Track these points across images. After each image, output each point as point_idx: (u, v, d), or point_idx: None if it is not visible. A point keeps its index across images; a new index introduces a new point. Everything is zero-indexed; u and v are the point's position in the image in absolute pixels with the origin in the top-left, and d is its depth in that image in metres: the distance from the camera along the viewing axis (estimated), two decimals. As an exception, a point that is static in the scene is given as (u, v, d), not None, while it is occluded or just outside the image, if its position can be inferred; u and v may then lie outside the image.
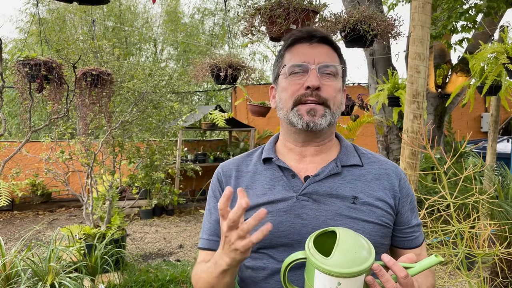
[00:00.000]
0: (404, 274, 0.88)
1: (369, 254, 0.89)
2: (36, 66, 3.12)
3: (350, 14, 2.58)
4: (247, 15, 2.36)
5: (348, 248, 0.88)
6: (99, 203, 4.75)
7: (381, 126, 5.91)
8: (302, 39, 1.13)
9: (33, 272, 3.22)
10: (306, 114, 1.08)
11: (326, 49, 1.13)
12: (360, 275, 0.86)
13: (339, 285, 0.87)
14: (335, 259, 0.87)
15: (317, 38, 1.12)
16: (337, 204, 1.09)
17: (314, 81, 1.07)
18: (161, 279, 4.04)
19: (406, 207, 1.16)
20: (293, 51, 1.14)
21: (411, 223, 1.17)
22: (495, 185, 4.06)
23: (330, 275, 0.86)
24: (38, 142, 7.84)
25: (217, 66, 3.37)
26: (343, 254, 0.88)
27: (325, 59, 1.11)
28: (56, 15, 11.62)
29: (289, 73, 1.11)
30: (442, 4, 4.60)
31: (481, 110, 10.12)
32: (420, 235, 1.19)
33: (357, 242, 0.90)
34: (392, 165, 1.19)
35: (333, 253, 0.88)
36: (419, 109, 2.41)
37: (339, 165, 1.14)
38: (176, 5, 13.86)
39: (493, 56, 3.26)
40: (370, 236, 1.07)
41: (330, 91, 1.10)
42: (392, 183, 1.14)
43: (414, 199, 1.20)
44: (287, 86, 1.11)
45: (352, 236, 0.92)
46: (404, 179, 1.17)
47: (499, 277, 3.62)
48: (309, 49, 1.12)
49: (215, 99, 13.79)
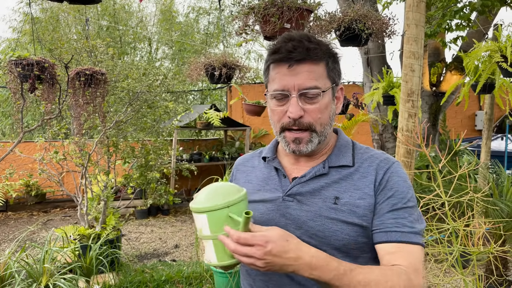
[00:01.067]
0: (236, 237, 0.92)
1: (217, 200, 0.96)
2: (28, 66, 3.09)
3: (344, 13, 2.58)
4: (241, 14, 2.35)
5: (207, 191, 1.00)
6: (93, 203, 4.72)
7: (376, 125, 5.92)
8: (281, 61, 1.08)
9: (28, 274, 3.20)
10: (292, 142, 1.11)
11: (306, 68, 1.07)
12: (199, 213, 0.97)
13: (195, 220, 1.00)
14: (196, 197, 1.01)
15: (295, 61, 1.06)
16: (318, 205, 1.10)
17: (294, 112, 1.07)
18: (157, 279, 4.03)
19: (383, 198, 1.08)
20: (274, 71, 1.11)
21: (382, 211, 1.07)
22: (490, 183, 4.08)
23: (191, 210, 1.01)
24: (32, 142, 7.79)
25: (211, 65, 3.36)
26: (201, 194, 1.00)
27: (305, 82, 1.06)
28: (49, 14, 11.54)
29: (272, 97, 1.12)
30: (437, 2, 4.61)
31: (475, 108, 10.17)
32: (400, 233, 1.05)
33: (220, 189, 1.00)
34: (383, 160, 1.14)
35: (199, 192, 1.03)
36: (413, 108, 2.41)
37: (326, 166, 1.15)
38: (171, 4, 13.81)
39: (487, 55, 3.27)
40: (350, 236, 1.07)
41: (314, 115, 1.09)
42: (376, 178, 1.10)
43: (403, 196, 1.09)
44: (273, 109, 1.13)
45: (223, 185, 1.02)
46: (394, 172, 1.11)
47: (493, 275, 3.64)
48: (288, 72, 1.07)
49: (210, 98, 13.76)
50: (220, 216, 0.96)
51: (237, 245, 0.92)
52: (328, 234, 1.08)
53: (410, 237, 1.05)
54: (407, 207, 1.08)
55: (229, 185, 1.02)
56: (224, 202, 0.96)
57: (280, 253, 0.91)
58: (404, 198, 1.09)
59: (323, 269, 0.94)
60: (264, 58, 1.20)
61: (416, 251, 1.04)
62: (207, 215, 0.96)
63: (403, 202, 1.08)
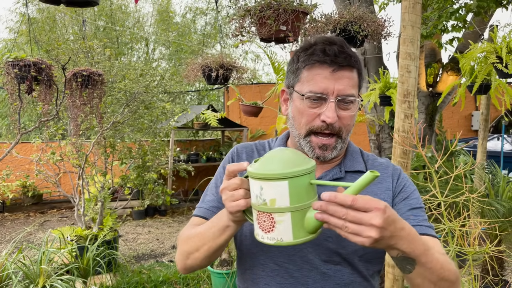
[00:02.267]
0: (351, 200, 0.79)
1: (297, 165, 0.84)
2: (25, 67, 3.09)
3: (340, 15, 2.59)
4: (237, 16, 2.36)
5: (275, 156, 0.88)
6: (91, 204, 4.72)
7: (373, 125, 5.94)
8: (325, 63, 1.06)
9: (25, 275, 3.20)
10: (318, 148, 1.08)
11: (347, 73, 1.07)
12: (278, 180, 0.83)
13: (261, 190, 0.85)
14: (259, 163, 0.88)
15: (339, 66, 1.05)
16: None
17: (331, 117, 1.04)
18: (154, 280, 4.03)
19: (401, 200, 1.14)
20: (313, 72, 1.07)
21: (400, 212, 1.11)
22: (485, 184, 4.10)
23: (254, 178, 0.86)
24: (29, 143, 7.78)
25: (208, 66, 3.36)
26: (268, 159, 0.87)
27: (345, 89, 1.06)
28: (46, 15, 11.51)
29: (304, 98, 1.07)
30: (433, 3, 4.63)
31: (471, 108, 10.21)
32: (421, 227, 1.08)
33: (290, 154, 0.88)
34: (393, 168, 1.20)
35: (260, 158, 0.89)
36: (410, 109, 2.42)
37: (343, 170, 1.15)
38: (168, 5, 13.81)
39: (482, 56, 3.28)
40: None
41: (345, 121, 1.08)
42: (392, 183, 1.16)
43: (416, 197, 1.15)
44: (303, 110, 1.08)
45: (289, 150, 0.91)
46: (405, 178, 1.18)
47: (489, 275, 3.65)
48: (330, 76, 1.05)
49: (208, 98, 13.77)
50: (303, 184, 0.84)
51: (349, 210, 0.79)
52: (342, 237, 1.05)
53: (430, 231, 1.09)
54: (421, 207, 1.14)
55: (297, 152, 0.91)
56: (308, 167, 0.84)
57: (394, 221, 0.82)
58: (418, 199, 1.15)
59: (418, 243, 0.89)
60: (261, 58, 1.18)
61: (437, 242, 1.08)
62: (288, 182, 0.82)
63: (418, 203, 1.14)
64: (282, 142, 1.23)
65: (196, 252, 1.07)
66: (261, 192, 0.85)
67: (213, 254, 1.07)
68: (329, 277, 1.08)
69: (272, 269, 1.11)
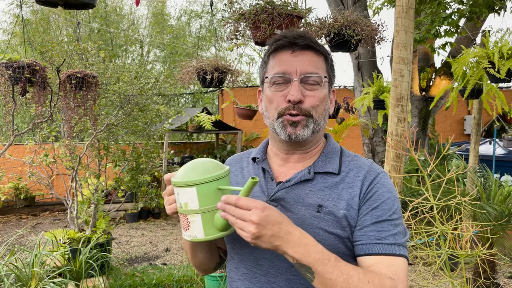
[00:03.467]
0: (235, 200, 0.91)
1: (205, 174, 0.96)
2: (19, 69, 3.08)
3: (335, 19, 2.61)
4: (231, 20, 2.37)
5: (191, 165, 1.00)
6: (84, 206, 4.69)
7: (367, 129, 5.97)
8: (284, 47, 1.09)
9: (16, 278, 3.18)
10: (289, 126, 1.08)
11: (309, 56, 1.09)
12: (187, 187, 0.96)
13: (178, 195, 0.99)
14: (178, 172, 1.01)
15: (299, 46, 1.08)
16: (301, 212, 1.07)
17: (295, 95, 1.05)
18: (147, 283, 4.02)
19: (367, 210, 1.05)
20: (275, 59, 1.11)
21: (364, 224, 1.04)
22: (477, 187, 4.13)
23: (174, 185, 1.00)
24: (22, 145, 7.73)
25: (203, 69, 3.37)
26: (185, 168, 1.00)
27: (307, 68, 1.07)
28: (40, 16, 11.47)
29: (271, 82, 1.10)
30: (426, 9, 4.68)
31: (464, 112, 10.30)
32: (381, 245, 1.02)
33: (204, 163, 1.00)
34: (370, 170, 1.11)
35: (181, 168, 1.02)
36: (403, 113, 2.44)
37: (312, 172, 1.11)
38: (163, 7, 13.81)
39: (475, 61, 3.32)
40: (331, 247, 1.02)
41: (313, 101, 1.08)
42: (361, 189, 1.08)
43: (388, 208, 1.06)
44: (271, 97, 1.10)
45: (205, 160, 1.02)
46: (380, 183, 1.09)
47: (481, 278, 3.68)
48: (291, 57, 1.08)
49: (202, 101, 13.75)
50: (210, 189, 0.96)
51: (236, 209, 0.91)
52: None
53: (393, 249, 1.02)
54: (391, 219, 1.05)
55: (211, 160, 1.02)
56: (214, 175, 0.96)
57: (274, 222, 0.91)
58: (389, 210, 1.05)
59: (309, 249, 0.93)
60: (256, 61, 1.20)
61: (399, 262, 1.01)
62: (196, 188, 0.95)
63: (388, 214, 1.05)
64: (263, 146, 1.25)
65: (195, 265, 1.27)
66: (178, 197, 0.99)
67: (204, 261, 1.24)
68: (294, 283, 1.07)
69: (243, 273, 1.14)
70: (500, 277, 4.41)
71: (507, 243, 3.98)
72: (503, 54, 3.04)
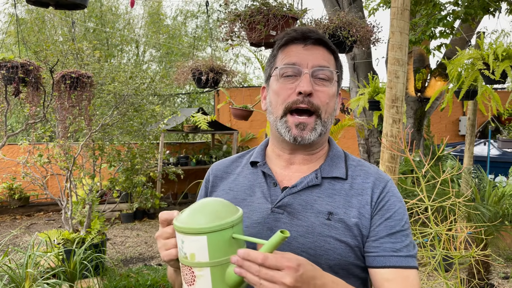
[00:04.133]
0: (261, 258, 0.77)
1: (218, 220, 0.82)
2: (13, 69, 3.06)
3: (330, 20, 2.61)
4: (227, 21, 2.36)
5: (199, 208, 0.85)
6: (78, 207, 4.67)
7: (362, 130, 5.98)
8: (296, 40, 1.05)
9: (10, 279, 3.16)
10: (295, 127, 1.03)
11: (321, 51, 1.06)
12: (197, 235, 0.81)
13: (182, 243, 0.83)
14: (183, 215, 0.85)
15: (312, 40, 1.04)
16: (310, 219, 1.02)
17: (306, 86, 1.00)
18: (142, 284, 4.00)
19: (379, 218, 1.04)
20: (286, 51, 1.06)
21: (378, 235, 1.02)
22: (472, 188, 4.15)
23: (176, 230, 0.85)
24: (16, 145, 7.68)
25: (198, 69, 3.36)
26: (191, 212, 0.85)
27: (319, 61, 1.04)
28: (35, 16, 11.40)
29: (280, 74, 1.05)
30: (421, 10, 4.69)
31: (459, 113, 10.34)
32: (397, 257, 1.01)
33: (215, 206, 0.86)
34: (378, 177, 1.09)
35: (185, 210, 0.86)
36: (398, 114, 2.44)
37: (319, 177, 1.07)
38: (159, 7, 13.78)
39: (469, 62, 3.33)
40: (341, 256, 1.00)
41: (323, 97, 1.03)
42: (372, 197, 1.05)
43: (399, 218, 1.05)
44: (279, 89, 1.04)
45: (216, 202, 0.88)
46: (391, 192, 1.07)
47: (475, 279, 3.69)
48: (303, 50, 1.04)
49: (198, 101, 13.73)
50: (223, 238, 0.81)
51: (262, 268, 0.78)
52: (319, 252, 1.00)
53: (408, 261, 1.01)
54: (403, 229, 1.04)
55: (222, 201, 0.89)
56: (229, 221, 0.82)
57: (309, 278, 0.81)
58: (401, 220, 1.04)
59: None
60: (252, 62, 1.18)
61: (412, 275, 1.01)
62: (207, 236, 0.80)
63: (401, 225, 1.04)
64: (262, 149, 1.17)
65: None
66: (182, 245, 0.84)
67: None
68: None
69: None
70: (495, 277, 4.42)
71: (501, 243, 4.00)
72: (497, 55, 3.05)
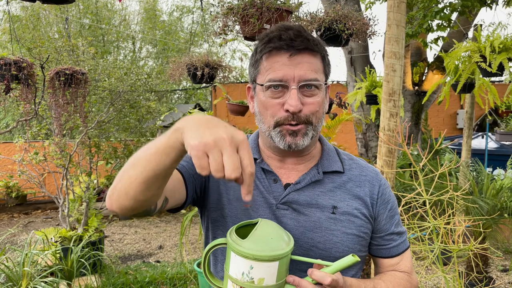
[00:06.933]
0: (329, 281, 0.88)
1: (286, 245, 0.89)
2: (5, 66, 3.02)
3: (326, 13, 2.59)
4: (220, 15, 2.33)
5: (264, 234, 0.89)
6: (75, 205, 4.65)
7: (360, 124, 5.96)
8: (281, 49, 1.00)
9: (7, 277, 3.14)
10: (288, 135, 1.02)
11: (307, 58, 1.01)
12: (272, 261, 0.85)
13: (251, 269, 0.86)
14: (250, 242, 0.87)
15: (296, 50, 0.99)
16: (316, 215, 1.06)
17: (294, 105, 0.98)
18: (140, 281, 3.99)
19: (385, 214, 1.12)
20: (270, 62, 1.02)
21: (388, 230, 1.13)
22: (470, 181, 4.14)
23: (243, 256, 0.86)
24: (11, 143, 7.64)
25: (193, 65, 3.33)
26: (258, 238, 0.88)
27: (306, 73, 1.00)
28: (30, 13, 11.32)
29: (266, 88, 1.02)
30: (418, 3, 4.66)
31: (457, 107, 10.33)
32: (401, 244, 1.15)
33: (276, 231, 0.91)
34: (372, 171, 1.15)
35: (249, 237, 0.88)
36: (395, 107, 2.42)
37: (321, 172, 1.10)
38: (154, 3, 13.70)
39: (467, 55, 3.31)
40: (349, 248, 1.05)
41: (312, 108, 1.02)
42: (371, 190, 1.11)
43: (395, 206, 1.15)
44: (266, 103, 1.02)
45: (272, 226, 0.92)
46: (384, 185, 1.14)
47: (474, 272, 3.69)
48: (288, 62, 0.99)
49: (195, 97, 13.69)
50: (287, 261, 0.89)
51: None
52: (329, 246, 1.04)
53: (406, 244, 1.17)
54: (397, 213, 1.17)
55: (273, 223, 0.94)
56: (292, 244, 0.90)
57: None
58: (396, 208, 1.16)
59: None
60: (248, 57, 1.14)
61: (409, 253, 1.17)
62: (279, 262, 0.86)
63: (397, 213, 1.16)
64: (255, 145, 1.15)
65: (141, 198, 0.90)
66: (250, 270, 0.86)
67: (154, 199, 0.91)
68: None
69: None
70: (493, 270, 4.43)
71: (500, 236, 4.00)
72: (494, 48, 3.03)
